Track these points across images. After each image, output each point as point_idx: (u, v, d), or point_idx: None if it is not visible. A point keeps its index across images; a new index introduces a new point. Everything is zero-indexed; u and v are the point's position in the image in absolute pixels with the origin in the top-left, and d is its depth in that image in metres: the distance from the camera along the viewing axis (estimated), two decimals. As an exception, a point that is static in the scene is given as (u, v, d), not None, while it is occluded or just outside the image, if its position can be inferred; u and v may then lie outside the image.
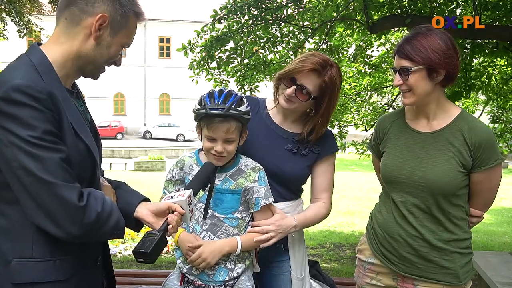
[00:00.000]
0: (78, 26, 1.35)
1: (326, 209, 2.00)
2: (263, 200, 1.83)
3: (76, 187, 1.27)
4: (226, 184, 1.83)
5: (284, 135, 1.97)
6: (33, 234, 1.30)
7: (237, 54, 5.81)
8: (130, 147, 25.56)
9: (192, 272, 1.83)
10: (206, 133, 1.77)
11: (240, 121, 1.77)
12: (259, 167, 1.87)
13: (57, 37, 1.38)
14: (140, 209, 1.47)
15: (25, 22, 9.50)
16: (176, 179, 1.89)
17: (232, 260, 1.83)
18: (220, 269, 1.82)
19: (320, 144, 1.97)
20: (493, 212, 10.39)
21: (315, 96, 1.86)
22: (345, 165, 18.46)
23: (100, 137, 1.57)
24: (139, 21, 1.45)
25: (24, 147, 1.20)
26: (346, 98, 7.48)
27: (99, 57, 1.40)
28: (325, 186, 2.00)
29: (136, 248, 1.39)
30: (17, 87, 1.21)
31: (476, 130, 1.78)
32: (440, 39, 1.74)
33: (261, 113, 2.01)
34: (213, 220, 1.82)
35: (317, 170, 1.99)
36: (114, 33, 1.39)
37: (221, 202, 1.82)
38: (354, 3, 5.17)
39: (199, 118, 1.78)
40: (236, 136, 1.78)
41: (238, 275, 1.84)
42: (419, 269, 1.86)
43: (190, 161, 1.90)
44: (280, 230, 1.85)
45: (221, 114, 1.71)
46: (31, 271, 1.29)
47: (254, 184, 1.83)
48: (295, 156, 1.95)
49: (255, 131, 1.95)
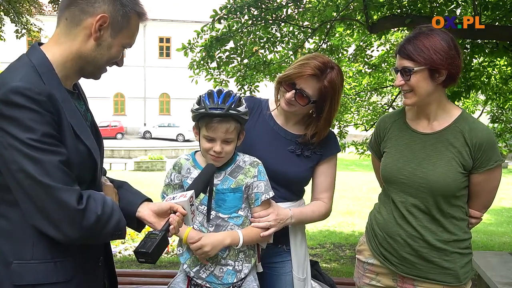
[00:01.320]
0: (79, 27, 1.34)
1: (326, 209, 1.99)
2: (264, 195, 1.83)
3: (75, 190, 1.26)
4: (227, 183, 1.82)
5: (287, 136, 1.96)
6: (33, 236, 1.29)
7: (237, 54, 5.81)
8: (130, 147, 25.55)
9: (200, 275, 1.82)
10: (205, 133, 1.76)
11: (239, 122, 1.77)
12: (258, 161, 1.87)
13: (57, 37, 1.37)
14: (142, 209, 1.47)
15: (23, 23, 9.48)
16: (175, 183, 1.87)
17: (240, 259, 1.83)
18: (229, 271, 1.81)
19: (323, 145, 1.97)
20: (493, 212, 10.39)
21: (315, 100, 1.85)
22: (345, 165, 18.45)
23: (102, 138, 1.56)
24: (141, 21, 1.44)
25: (23, 150, 1.20)
26: (346, 98, 7.47)
27: (99, 58, 1.38)
28: (326, 186, 1.99)
29: (138, 248, 1.39)
30: (16, 89, 1.21)
31: (477, 131, 1.78)
32: (442, 40, 1.74)
33: (264, 114, 2.00)
34: (218, 221, 1.81)
35: (319, 170, 1.98)
36: (115, 34, 1.37)
37: (224, 202, 1.81)
38: (354, 3, 5.17)
39: (198, 118, 1.77)
40: (235, 136, 1.78)
41: (245, 275, 1.84)
42: (419, 270, 1.86)
43: (187, 163, 1.88)
44: (279, 220, 1.85)
45: (221, 114, 1.70)
46: (32, 273, 1.29)
47: (253, 180, 1.83)
48: (298, 158, 1.94)
49: (257, 132, 1.95)
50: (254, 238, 1.84)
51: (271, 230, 1.83)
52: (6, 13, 9.12)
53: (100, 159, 1.47)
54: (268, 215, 1.83)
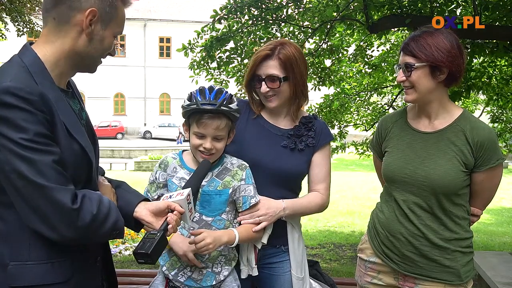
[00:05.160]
0: (68, 24, 1.32)
1: (322, 199, 1.98)
2: (253, 198, 1.82)
3: (69, 189, 1.24)
4: (213, 184, 1.80)
5: (278, 132, 1.97)
6: (29, 237, 1.28)
7: (237, 54, 5.80)
8: (130, 147, 25.54)
9: (179, 278, 1.80)
10: (195, 130, 1.74)
11: (230, 119, 1.75)
12: (246, 165, 1.86)
13: (47, 36, 1.34)
14: (139, 209, 1.45)
15: (25, 22, 9.48)
16: (160, 181, 1.84)
17: (219, 262, 1.81)
18: (208, 273, 1.80)
19: (315, 135, 1.97)
20: (493, 212, 10.40)
21: (284, 75, 1.87)
22: (345, 165, 18.45)
23: (97, 137, 1.54)
24: (125, 7, 1.43)
25: (16, 150, 1.18)
26: (346, 98, 7.47)
27: (94, 52, 1.37)
28: (321, 177, 1.98)
29: (137, 249, 1.38)
30: (7, 89, 1.19)
31: (478, 130, 1.79)
32: (445, 38, 1.76)
33: (253, 114, 2.01)
34: (201, 224, 1.78)
35: (313, 161, 1.98)
36: (105, 26, 1.36)
37: (209, 204, 1.79)
38: (354, 3, 5.17)
39: (189, 114, 1.75)
40: (225, 134, 1.76)
41: (225, 277, 1.82)
42: (420, 268, 1.86)
43: (174, 162, 1.85)
44: (270, 213, 1.84)
45: (212, 109, 1.68)
46: (29, 274, 1.27)
47: (241, 183, 1.81)
48: (292, 153, 1.94)
49: (249, 132, 1.95)
50: (249, 236, 1.82)
51: (262, 224, 1.83)
52: (8, 12, 9.11)
53: (96, 158, 1.45)
54: (257, 211, 1.83)
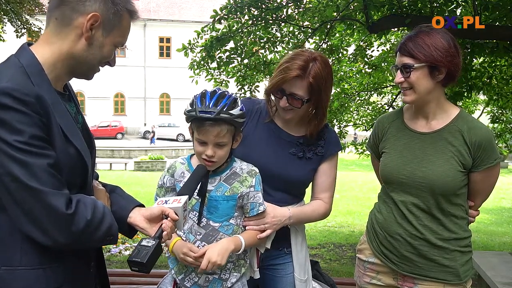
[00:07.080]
0: (69, 26, 1.30)
1: (326, 208, 1.97)
2: (261, 206, 1.79)
3: (64, 194, 1.21)
4: (221, 189, 1.76)
5: (288, 138, 1.93)
6: (21, 242, 1.24)
7: (237, 54, 5.80)
8: (130, 147, 25.57)
9: (185, 283, 1.79)
10: (197, 136, 1.70)
11: (233, 125, 1.69)
12: (256, 171, 1.82)
13: (47, 37, 1.32)
14: (133, 214, 1.42)
15: (23, 22, 9.45)
16: (167, 186, 1.83)
17: (228, 269, 1.79)
18: (215, 280, 1.78)
19: (325, 144, 1.95)
20: (493, 212, 10.40)
21: (308, 98, 1.82)
22: (345, 165, 18.46)
23: (94, 141, 1.51)
24: (133, 20, 1.40)
25: (10, 153, 1.15)
26: (346, 98, 7.47)
27: (91, 58, 1.34)
28: (326, 185, 1.97)
29: (132, 257, 1.33)
30: (3, 90, 1.16)
31: (476, 130, 1.79)
32: (442, 38, 1.75)
33: (263, 116, 1.97)
34: (208, 229, 1.76)
35: (320, 169, 1.96)
36: (106, 33, 1.33)
37: (216, 209, 1.76)
38: (354, 3, 5.17)
39: (190, 120, 1.73)
40: (228, 140, 1.71)
41: (232, 284, 1.79)
42: (419, 268, 1.86)
43: (182, 167, 1.83)
44: (276, 222, 1.83)
45: (210, 118, 1.63)
46: (20, 280, 1.24)
47: (250, 189, 1.78)
48: (299, 161, 1.91)
49: (258, 136, 1.92)
50: (253, 242, 1.81)
51: (267, 232, 1.82)
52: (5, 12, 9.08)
53: (92, 162, 1.42)
54: (263, 218, 1.81)
